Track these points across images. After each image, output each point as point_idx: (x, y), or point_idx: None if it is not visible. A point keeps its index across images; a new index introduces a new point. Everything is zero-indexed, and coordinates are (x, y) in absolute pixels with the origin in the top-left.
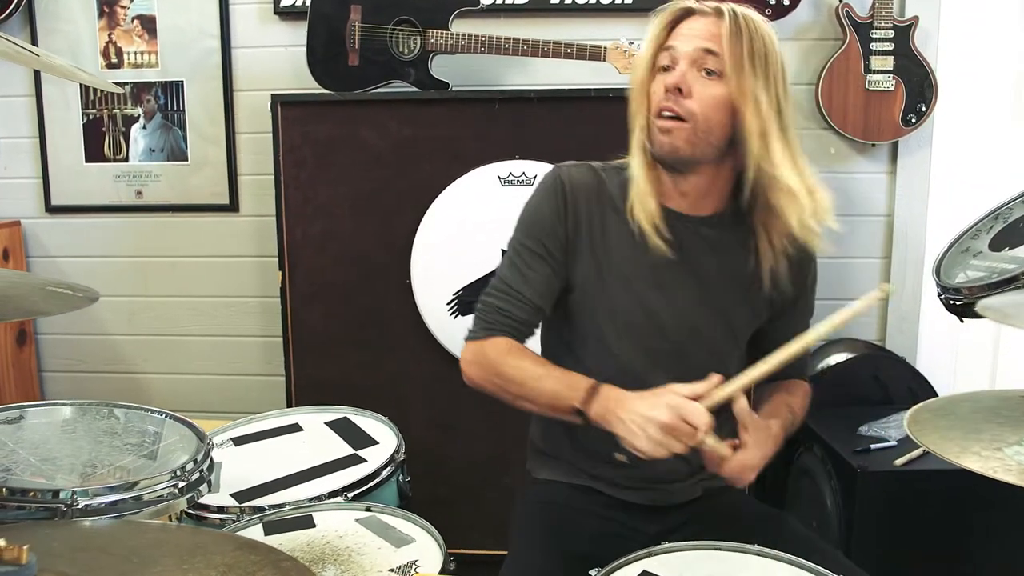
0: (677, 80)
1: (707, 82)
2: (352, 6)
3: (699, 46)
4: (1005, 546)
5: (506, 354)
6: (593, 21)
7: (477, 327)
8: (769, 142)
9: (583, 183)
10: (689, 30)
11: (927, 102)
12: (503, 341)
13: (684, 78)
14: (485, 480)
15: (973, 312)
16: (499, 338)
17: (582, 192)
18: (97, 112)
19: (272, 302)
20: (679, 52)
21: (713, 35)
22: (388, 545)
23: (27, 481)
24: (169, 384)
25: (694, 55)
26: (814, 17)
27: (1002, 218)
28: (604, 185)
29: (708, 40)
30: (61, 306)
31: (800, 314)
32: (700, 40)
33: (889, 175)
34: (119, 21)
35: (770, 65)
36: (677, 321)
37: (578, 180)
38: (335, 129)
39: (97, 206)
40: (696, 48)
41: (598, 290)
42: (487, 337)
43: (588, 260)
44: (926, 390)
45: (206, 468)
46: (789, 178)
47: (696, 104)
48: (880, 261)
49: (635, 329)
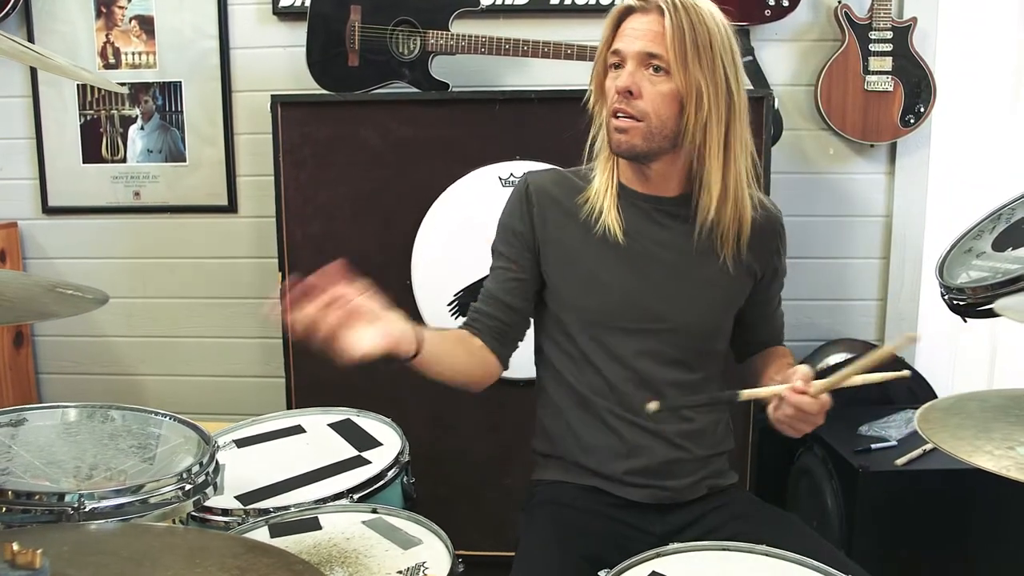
0: (627, 83)
1: (655, 79)
2: (352, 6)
3: (642, 49)
4: (1006, 545)
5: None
6: (592, 22)
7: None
8: (708, 139)
9: (548, 186)
10: (632, 30)
11: (925, 103)
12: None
13: (633, 79)
14: (484, 481)
15: (977, 312)
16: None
17: (546, 195)
18: (94, 113)
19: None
20: (625, 52)
21: (656, 34)
22: (395, 547)
23: (31, 484)
24: (167, 386)
25: (639, 57)
26: (813, 18)
27: (1004, 219)
28: (571, 181)
29: (651, 40)
30: (72, 308)
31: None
32: (643, 41)
33: (888, 176)
34: (117, 21)
35: (715, 52)
36: (652, 305)
37: (540, 181)
38: (335, 130)
39: (95, 207)
40: (639, 51)
41: (568, 276)
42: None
43: (556, 250)
44: (925, 390)
45: (212, 471)
46: (714, 179)
47: (647, 103)
48: (879, 261)
49: (611, 316)
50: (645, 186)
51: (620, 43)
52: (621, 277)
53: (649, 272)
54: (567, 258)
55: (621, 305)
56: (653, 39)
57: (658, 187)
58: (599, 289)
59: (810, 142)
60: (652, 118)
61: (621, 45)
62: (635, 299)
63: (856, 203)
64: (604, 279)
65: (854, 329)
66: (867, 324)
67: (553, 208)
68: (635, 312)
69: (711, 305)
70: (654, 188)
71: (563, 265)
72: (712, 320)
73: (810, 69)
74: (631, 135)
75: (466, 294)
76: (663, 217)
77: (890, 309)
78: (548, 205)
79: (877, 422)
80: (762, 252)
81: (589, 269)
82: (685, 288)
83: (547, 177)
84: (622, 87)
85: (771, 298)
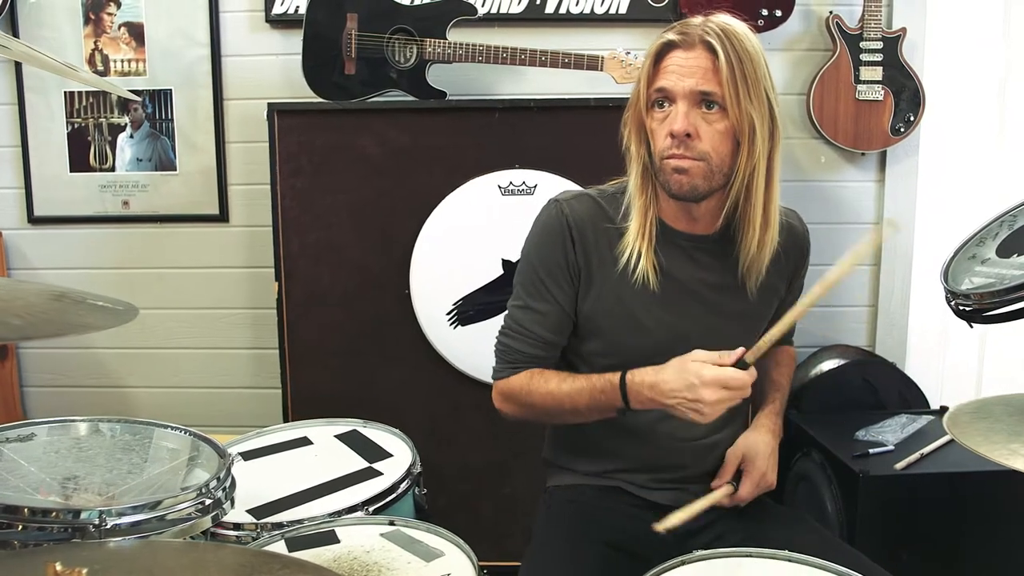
0: (683, 127)
1: (710, 117)
2: (348, 14)
3: (694, 87)
4: (1002, 547)
5: (529, 384)
6: (587, 31)
7: (500, 367)
8: (756, 173)
9: (586, 214)
10: (679, 67)
11: (915, 112)
12: (524, 374)
13: (689, 121)
14: (485, 490)
15: (983, 317)
16: (521, 375)
17: (587, 223)
18: (82, 121)
19: (263, 313)
20: (674, 91)
21: (705, 70)
22: (417, 559)
23: (47, 501)
24: (157, 398)
25: (692, 96)
26: (805, 28)
27: (1007, 225)
28: (605, 212)
29: (702, 77)
30: (108, 321)
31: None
32: (694, 79)
33: (878, 183)
34: (105, 28)
35: (760, 81)
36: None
37: (580, 212)
38: (333, 138)
39: (82, 216)
40: (692, 89)
41: (607, 316)
42: (510, 375)
43: (598, 289)
44: (916, 395)
45: (228, 485)
46: (758, 213)
47: (707, 144)
48: (870, 268)
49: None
50: (690, 225)
51: (666, 81)
52: (659, 318)
53: (687, 312)
54: (607, 296)
55: (657, 345)
56: (704, 76)
57: (702, 226)
58: (638, 331)
59: (802, 150)
60: (712, 157)
61: (668, 83)
62: (672, 341)
63: (847, 210)
64: (643, 321)
65: (847, 335)
66: (859, 330)
67: (593, 242)
68: (671, 352)
69: (742, 336)
70: (698, 227)
71: (602, 302)
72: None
73: (802, 78)
74: (692, 176)
75: (465, 303)
76: (703, 256)
77: (881, 315)
78: (589, 239)
79: (873, 427)
80: (786, 272)
81: (628, 310)
82: (720, 324)
83: (584, 207)
84: (679, 131)
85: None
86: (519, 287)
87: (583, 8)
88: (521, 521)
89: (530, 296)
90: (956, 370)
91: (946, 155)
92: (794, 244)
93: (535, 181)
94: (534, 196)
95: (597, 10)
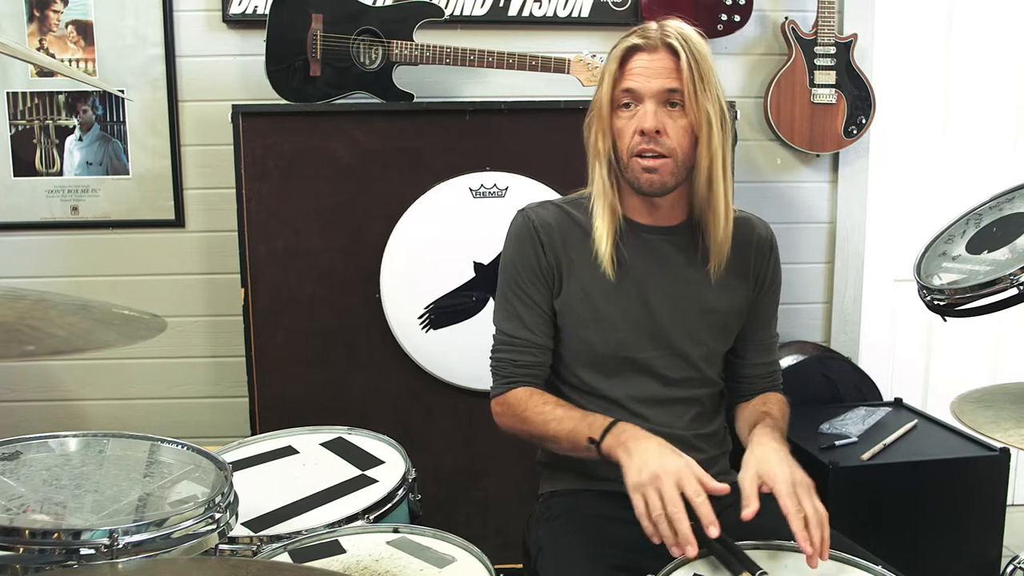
0: (654, 124)
1: (673, 114)
2: (313, 15)
3: (661, 86)
4: (960, 529)
5: (527, 402)
6: (550, 34)
7: (497, 383)
8: (714, 165)
9: (551, 217)
10: (644, 68)
11: (866, 115)
12: (523, 391)
13: (657, 118)
14: (457, 494)
15: (956, 312)
16: (518, 389)
17: (553, 226)
18: (27, 123)
19: (223, 320)
20: (642, 91)
21: (670, 70)
22: (429, 566)
23: (46, 522)
24: (111, 410)
25: (659, 95)
26: (761, 33)
27: (973, 223)
28: (569, 214)
29: (667, 77)
30: (131, 335)
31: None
32: (660, 79)
33: (831, 184)
34: (51, 26)
35: (713, 80)
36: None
37: (545, 216)
38: (300, 141)
39: (27, 223)
40: (659, 88)
41: (574, 311)
42: (508, 390)
43: (568, 287)
44: (870, 388)
45: (232, 500)
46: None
47: (673, 140)
48: (824, 266)
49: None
50: (652, 217)
51: (633, 82)
52: (624, 310)
53: (655, 304)
54: (575, 292)
55: (627, 340)
56: (669, 75)
57: (665, 218)
58: (602, 323)
59: (759, 152)
60: (678, 153)
61: (636, 84)
62: (642, 334)
63: (802, 210)
64: (606, 314)
65: (802, 331)
66: (814, 327)
67: (560, 243)
68: (642, 344)
69: (705, 330)
70: (661, 219)
71: (571, 298)
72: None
73: (759, 82)
74: (662, 173)
75: (436, 308)
76: (668, 248)
77: (835, 312)
78: (556, 241)
79: (836, 420)
80: (748, 274)
81: (593, 304)
82: (683, 317)
83: (548, 212)
84: (650, 128)
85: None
86: (502, 298)
87: (546, 11)
88: (495, 524)
89: (512, 306)
90: (905, 364)
91: (895, 156)
92: (752, 245)
93: (506, 183)
94: (505, 199)
95: (560, 13)
